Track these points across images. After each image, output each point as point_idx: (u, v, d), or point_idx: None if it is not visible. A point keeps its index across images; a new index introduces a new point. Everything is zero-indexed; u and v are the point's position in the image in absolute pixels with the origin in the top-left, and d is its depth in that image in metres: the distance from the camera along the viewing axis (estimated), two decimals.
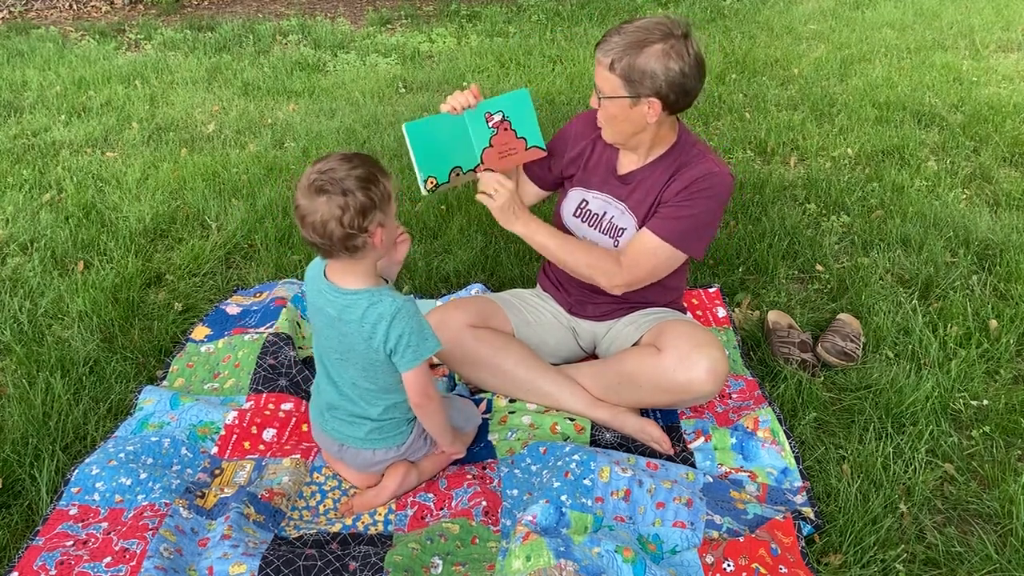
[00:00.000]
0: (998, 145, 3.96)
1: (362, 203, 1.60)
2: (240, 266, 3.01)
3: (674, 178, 2.04)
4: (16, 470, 1.95)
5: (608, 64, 1.90)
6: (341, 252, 1.65)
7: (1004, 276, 2.83)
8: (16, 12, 7.21)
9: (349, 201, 1.59)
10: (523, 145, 2.09)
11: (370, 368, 1.75)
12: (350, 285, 1.71)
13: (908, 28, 6.32)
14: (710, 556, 1.70)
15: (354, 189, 1.59)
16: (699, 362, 2.00)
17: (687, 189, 2.02)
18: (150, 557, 1.62)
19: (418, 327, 1.70)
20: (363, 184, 1.60)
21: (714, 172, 2.02)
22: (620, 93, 1.92)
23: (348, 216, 1.59)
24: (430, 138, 1.97)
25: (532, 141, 2.09)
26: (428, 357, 1.73)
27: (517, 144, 2.08)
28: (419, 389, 1.76)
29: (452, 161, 2.03)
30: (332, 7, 7.59)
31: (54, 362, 2.34)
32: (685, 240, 2.03)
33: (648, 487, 1.85)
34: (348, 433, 1.86)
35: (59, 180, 3.60)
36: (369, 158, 1.68)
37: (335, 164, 1.62)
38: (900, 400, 2.20)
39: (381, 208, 1.63)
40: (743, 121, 4.43)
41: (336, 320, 1.72)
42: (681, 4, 7.28)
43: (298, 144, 4.10)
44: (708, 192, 2.01)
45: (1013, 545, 1.78)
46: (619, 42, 1.89)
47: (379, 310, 1.67)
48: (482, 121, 2.03)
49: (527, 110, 2.06)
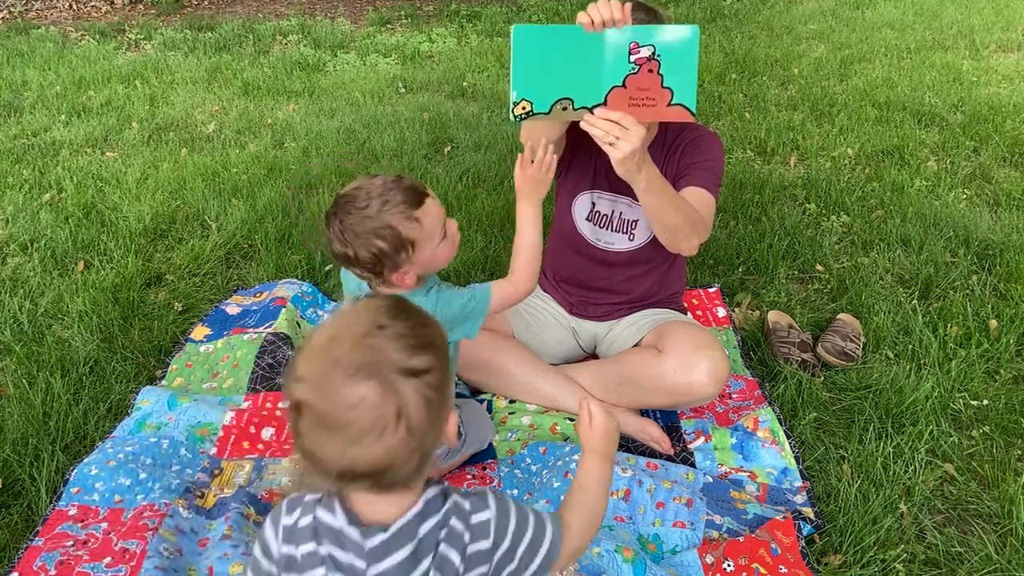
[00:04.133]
0: (998, 145, 3.96)
1: (365, 258, 1.49)
2: (240, 266, 3.01)
3: (669, 155, 2.06)
4: (16, 470, 1.95)
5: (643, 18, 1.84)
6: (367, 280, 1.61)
7: (1004, 276, 2.83)
8: (16, 12, 7.21)
9: (349, 253, 1.49)
10: (667, 98, 1.63)
11: None
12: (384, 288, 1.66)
13: (908, 28, 6.32)
14: (710, 556, 1.70)
15: (355, 244, 1.48)
16: (700, 364, 2.00)
17: (688, 151, 2.04)
18: (150, 557, 1.62)
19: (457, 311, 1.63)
20: (369, 238, 1.47)
21: (705, 133, 2.08)
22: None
23: (354, 263, 1.52)
24: (543, 52, 1.57)
25: (680, 97, 1.63)
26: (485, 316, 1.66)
27: (659, 95, 1.62)
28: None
29: (563, 90, 1.62)
30: (332, 7, 7.59)
31: (54, 362, 2.34)
32: (717, 185, 2.04)
33: (648, 487, 1.85)
34: None
35: (59, 180, 3.60)
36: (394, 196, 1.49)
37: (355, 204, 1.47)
38: (900, 400, 2.20)
39: (393, 258, 1.50)
40: (743, 121, 4.43)
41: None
42: (681, 4, 7.28)
43: (298, 144, 4.10)
44: (709, 147, 2.05)
45: (1013, 545, 1.78)
46: (640, 17, 1.83)
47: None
48: (624, 51, 1.59)
49: (690, 56, 1.60)
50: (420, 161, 3.88)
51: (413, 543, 0.92)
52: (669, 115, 1.66)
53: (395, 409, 0.87)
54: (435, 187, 3.56)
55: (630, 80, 1.61)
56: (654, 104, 1.63)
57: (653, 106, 1.64)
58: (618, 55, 1.59)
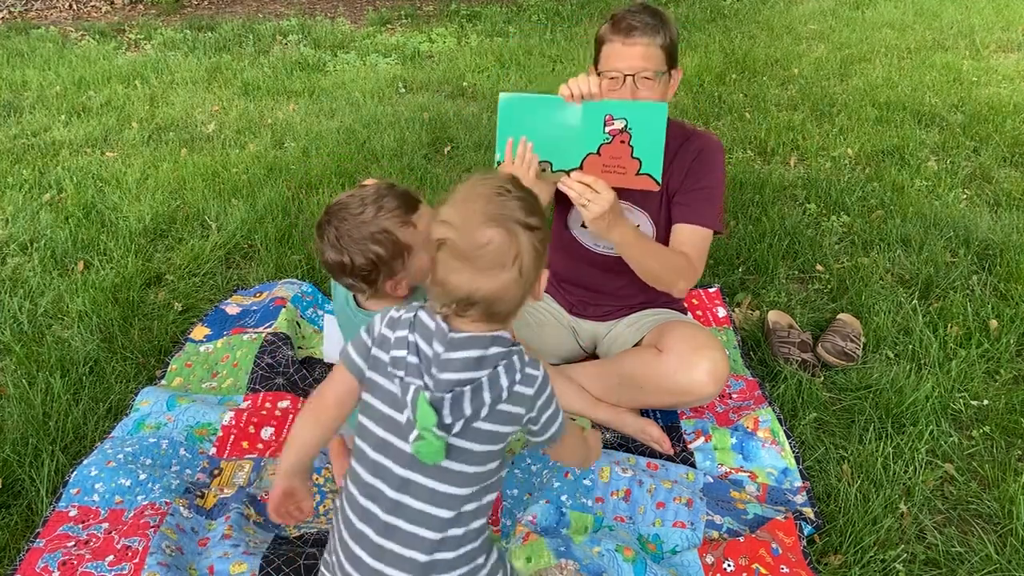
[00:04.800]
0: (998, 145, 3.96)
1: (360, 265, 1.48)
2: (240, 266, 3.01)
3: (673, 162, 2.05)
4: (16, 470, 1.95)
5: (660, 42, 1.87)
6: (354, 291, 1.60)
7: (1004, 276, 2.83)
8: (16, 12, 7.21)
9: (344, 260, 1.47)
10: (636, 168, 1.77)
11: None
12: (369, 307, 1.65)
13: (908, 28, 6.32)
14: (710, 556, 1.70)
15: (352, 250, 1.46)
16: (700, 364, 2.00)
17: (692, 171, 2.04)
18: (152, 553, 1.62)
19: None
20: (366, 243, 1.46)
21: (709, 144, 2.06)
22: (664, 67, 1.92)
23: (348, 271, 1.50)
24: (526, 119, 1.70)
25: (647, 167, 1.77)
26: None
27: (629, 164, 1.76)
28: None
29: (543, 153, 1.76)
30: (332, 7, 7.59)
31: (54, 362, 2.34)
32: (715, 218, 2.07)
33: (648, 487, 1.86)
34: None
35: (59, 180, 3.60)
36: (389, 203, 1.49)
37: (348, 211, 1.47)
38: (900, 400, 2.20)
39: (388, 264, 1.49)
40: (743, 121, 4.43)
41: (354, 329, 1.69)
42: (681, 4, 7.28)
43: (298, 144, 4.10)
44: (712, 165, 2.05)
45: (1013, 545, 1.78)
46: (650, 18, 1.87)
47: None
48: (599, 122, 1.74)
49: (657, 129, 1.74)
50: (420, 161, 3.88)
51: (481, 351, 1.13)
52: (637, 183, 1.81)
53: (514, 252, 1.10)
54: (435, 187, 3.56)
55: (604, 149, 1.76)
56: (624, 172, 1.78)
57: (623, 174, 1.78)
58: (594, 126, 1.74)
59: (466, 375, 1.12)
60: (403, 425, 1.14)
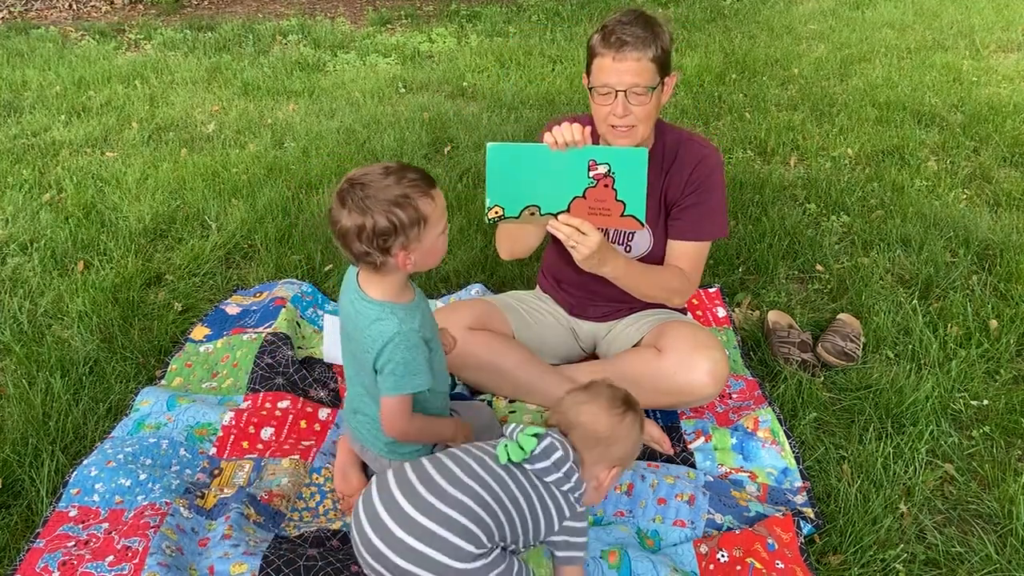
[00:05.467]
0: (998, 145, 3.96)
1: (382, 227, 1.52)
2: (240, 266, 3.01)
3: (671, 171, 2.06)
4: (16, 470, 1.95)
5: (651, 55, 1.87)
6: (362, 265, 1.61)
7: (1004, 276, 2.83)
8: (16, 12, 7.22)
9: (366, 221, 1.52)
10: (620, 209, 1.84)
11: (372, 377, 1.74)
12: (371, 294, 1.66)
13: (908, 28, 6.32)
14: (704, 546, 1.71)
15: (375, 211, 1.51)
16: (700, 364, 2.00)
17: (691, 183, 2.05)
18: (153, 554, 1.62)
19: (409, 361, 1.63)
20: (388, 206, 1.52)
21: (707, 154, 2.07)
22: (657, 83, 1.91)
23: (366, 234, 1.53)
24: (513, 166, 1.78)
25: (631, 209, 1.84)
26: (409, 393, 1.65)
27: (614, 206, 1.84)
28: (387, 418, 1.68)
29: (530, 198, 1.83)
30: (332, 7, 7.59)
31: (54, 362, 2.34)
32: (714, 228, 2.11)
33: (651, 482, 1.86)
34: (370, 440, 1.85)
35: (59, 180, 3.60)
36: (410, 175, 1.56)
37: (371, 177, 1.54)
38: (900, 400, 2.20)
39: (405, 232, 1.54)
40: (743, 121, 4.43)
41: (353, 323, 1.69)
42: (681, 4, 7.28)
43: (298, 144, 4.10)
44: (711, 176, 2.06)
45: (1013, 545, 1.78)
46: (640, 31, 1.86)
47: (381, 328, 1.62)
48: (583, 167, 1.81)
49: (638, 173, 1.81)
50: (420, 161, 3.88)
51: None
52: (622, 224, 1.87)
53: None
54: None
55: (589, 192, 1.83)
56: (609, 214, 1.85)
57: (608, 216, 1.86)
58: (578, 171, 1.81)
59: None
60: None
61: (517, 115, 4.55)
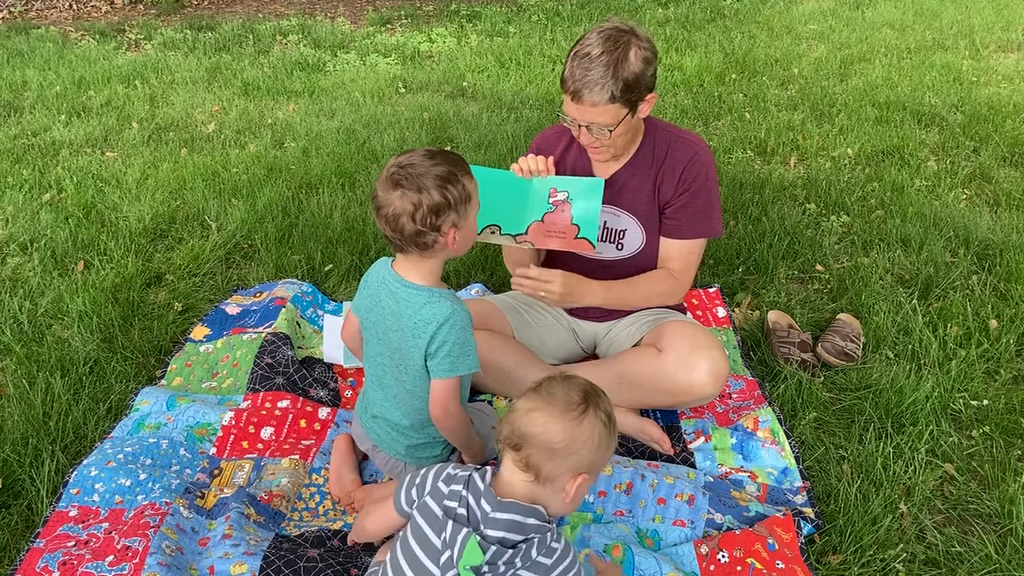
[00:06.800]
0: (998, 145, 3.96)
1: (437, 202, 1.57)
2: (240, 266, 3.01)
3: (662, 169, 2.07)
4: (16, 470, 1.95)
5: (607, 99, 1.86)
6: (411, 248, 1.63)
7: (1004, 276, 2.83)
8: (16, 12, 7.22)
9: (423, 198, 1.56)
10: (574, 232, 2.00)
11: (410, 373, 1.72)
12: (414, 280, 1.68)
13: (908, 28, 6.32)
14: (705, 547, 1.71)
15: (430, 187, 1.56)
16: (700, 363, 2.00)
17: (683, 181, 2.07)
18: (152, 554, 1.62)
19: (463, 341, 1.66)
20: (441, 182, 1.57)
21: (696, 152, 2.08)
22: (623, 114, 1.91)
23: (420, 213, 1.57)
24: (483, 188, 1.82)
25: (584, 232, 2.01)
26: (461, 374, 1.68)
27: (568, 230, 2.00)
28: (440, 402, 1.71)
29: (494, 217, 1.99)
30: (332, 7, 7.59)
31: (54, 362, 2.34)
32: (706, 226, 2.12)
33: (651, 481, 1.86)
34: (389, 444, 1.85)
35: (59, 180, 3.60)
36: (452, 156, 1.64)
37: (417, 159, 1.59)
38: (900, 400, 2.20)
39: (456, 209, 1.60)
40: (743, 121, 4.43)
41: (394, 314, 1.69)
42: (681, 4, 7.28)
43: (298, 144, 4.10)
44: (702, 174, 2.07)
45: (1013, 545, 1.78)
46: (598, 74, 1.84)
47: (433, 310, 1.64)
48: (545, 194, 1.99)
49: (594, 201, 1.98)
50: None
51: (523, 517, 1.33)
52: (575, 246, 2.03)
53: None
54: None
55: (547, 216, 2.01)
56: (564, 236, 2.02)
57: (563, 238, 2.02)
58: (540, 197, 2.00)
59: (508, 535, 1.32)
60: (442, 560, 1.33)
61: (517, 115, 4.55)
